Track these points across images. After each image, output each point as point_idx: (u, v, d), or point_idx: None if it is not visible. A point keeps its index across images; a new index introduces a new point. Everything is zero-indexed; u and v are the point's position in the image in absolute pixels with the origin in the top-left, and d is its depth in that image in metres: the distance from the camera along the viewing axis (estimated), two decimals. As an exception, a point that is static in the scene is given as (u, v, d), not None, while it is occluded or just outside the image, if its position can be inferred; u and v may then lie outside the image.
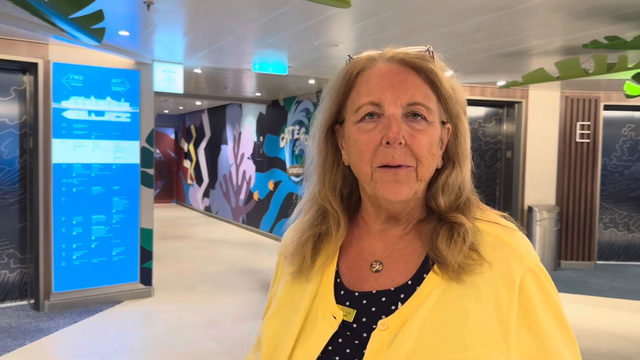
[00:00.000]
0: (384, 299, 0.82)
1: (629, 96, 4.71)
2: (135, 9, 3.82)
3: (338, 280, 0.88)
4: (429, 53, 0.85)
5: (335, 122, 0.89)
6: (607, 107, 7.57)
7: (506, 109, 7.72)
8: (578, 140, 7.46)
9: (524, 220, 7.46)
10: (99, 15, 2.98)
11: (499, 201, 7.83)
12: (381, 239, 0.88)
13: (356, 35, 4.38)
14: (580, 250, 7.57)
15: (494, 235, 0.82)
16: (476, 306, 0.75)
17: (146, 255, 5.63)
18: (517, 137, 7.52)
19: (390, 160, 0.79)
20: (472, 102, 7.45)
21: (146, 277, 5.63)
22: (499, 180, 7.83)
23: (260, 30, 4.32)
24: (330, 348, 0.81)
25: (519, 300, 0.77)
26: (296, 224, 0.95)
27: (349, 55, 0.89)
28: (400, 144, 0.79)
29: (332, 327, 0.82)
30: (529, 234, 7.30)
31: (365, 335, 0.80)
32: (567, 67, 4.36)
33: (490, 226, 0.83)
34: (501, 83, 6.62)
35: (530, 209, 7.38)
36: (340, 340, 0.82)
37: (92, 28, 3.11)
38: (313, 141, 0.93)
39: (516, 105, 7.50)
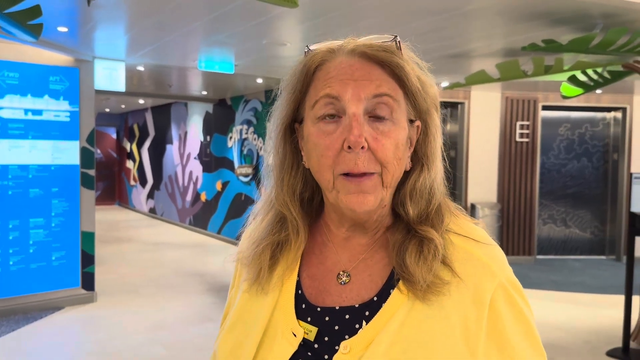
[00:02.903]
0: (347, 316, 0.76)
1: (565, 97, 4.93)
2: (74, 4, 3.67)
3: (299, 291, 0.81)
4: (396, 43, 0.77)
5: (294, 121, 0.81)
6: (545, 108, 7.90)
7: (449, 109, 7.91)
8: (518, 139, 7.74)
9: (468, 217, 7.66)
10: (36, 11, 2.85)
11: (443, 199, 8.02)
12: (346, 247, 0.81)
13: (303, 35, 4.38)
14: (521, 245, 7.86)
15: (464, 250, 0.76)
16: (443, 329, 0.71)
17: (88, 259, 5.43)
18: (460, 136, 7.72)
19: (353, 167, 0.72)
20: (417, 102, 7.58)
21: (88, 282, 5.43)
22: (443, 180, 8.00)
23: (205, 28, 4.25)
24: None
25: (489, 319, 0.72)
26: (253, 229, 0.88)
27: (307, 46, 0.81)
28: (362, 148, 0.71)
29: (291, 346, 0.76)
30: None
31: (327, 357, 0.75)
32: (507, 69, 4.51)
33: (461, 239, 0.77)
34: (445, 84, 6.78)
35: (473, 206, 7.60)
36: None
37: (29, 24, 2.97)
38: (270, 141, 0.85)
39: (459, 105, 7.71)
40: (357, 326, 0.75)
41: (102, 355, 4.11)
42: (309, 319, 0.78)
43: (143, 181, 12.98)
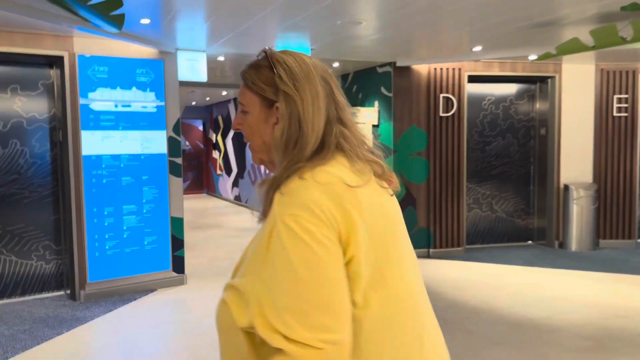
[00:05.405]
0: None
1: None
2: (155, -5, 3.79)
3: None
4: (265, 54, 1.17)
5: None
6: (645, 79, 7.26)
7: (539, 84, 7.47)
8: (615, 114, 7.19)
9: (560, 199, 7.24)
10: (117, 1, 2.95)
11: (533, 180, 7.61)
12: None
13: (379, 11, 4.26)
14: (620, 228, 7.31)
15: (276, 196, 1.06)
16: (259, 237, 1.06)
17: (177, 243, 5.66)
18: (551, 113, 7.28)
19: None
20: (502, 79, 7.24)
21: (178, 265, 5.66)
22: (533, 159, 7.60)
23: (280, 11, 4.24)
24: None
25: (271, 235, 1.02)
26: None
27: None
28: (238, 130, 1.21)
29: None
30: (565, 213, 7.09)
31: None
32: (603, 35, 4.14)
33: (280, 192, 1.06)
34: (533, 57, 6.40)
35: (566, 187, 7.16)
36: None
37: (112, 15, 3.09)
38: None
39: (549, 80, 7.26)
40: None
41: (192, 335, 4.26)
42: None
43: (228, 170, 13.38)
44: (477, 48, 5.80)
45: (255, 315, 0.96)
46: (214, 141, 14.42)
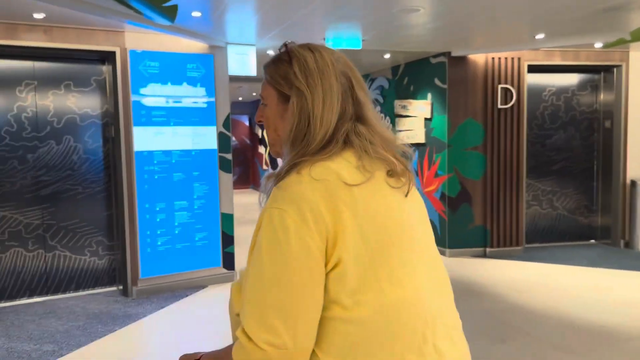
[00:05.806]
0: None
1: None
2: (206, -14, 3.69)
3: None
4: (284, 48, 1.18)
5: None
6: None
7: (603, 74, 7.05)
8: (688, 104, 6.71)
9: (627, 195, 6.81)
10: (169, -8, 2.87)
11: (597, 175, 7.20)
12: None
13: (438, -2, 4.04)
14: (693, 226, 6.83)
15: (274, 190, 1.07)
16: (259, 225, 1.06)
17: (228, 239, 5.61)
18: (617, 104, 6.85)
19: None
20: (564, 69, 6.86)
21: (229, 262, 5.61)
22: (597, 153, 7.19)
23: (331, 0, 4.08)
24: None
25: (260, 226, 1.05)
26: None
27: None
28: (260, 122, 1.22)
29: None
30: (632, 210, 6.67)
31: None
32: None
33: (277, 186, 1.07)
34: (599, 44, 6.01)
35: (633, 183, 6.73)
36: None
37: (164, 6, 3.01)
38: None
39: (615, 69, 6.83)
40: None
41: (243, 334, 4.17)
42: None
43: (274, 165, 13.35)
44: (540, 36, 5.48)
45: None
46: (260, 136, 14.42)
